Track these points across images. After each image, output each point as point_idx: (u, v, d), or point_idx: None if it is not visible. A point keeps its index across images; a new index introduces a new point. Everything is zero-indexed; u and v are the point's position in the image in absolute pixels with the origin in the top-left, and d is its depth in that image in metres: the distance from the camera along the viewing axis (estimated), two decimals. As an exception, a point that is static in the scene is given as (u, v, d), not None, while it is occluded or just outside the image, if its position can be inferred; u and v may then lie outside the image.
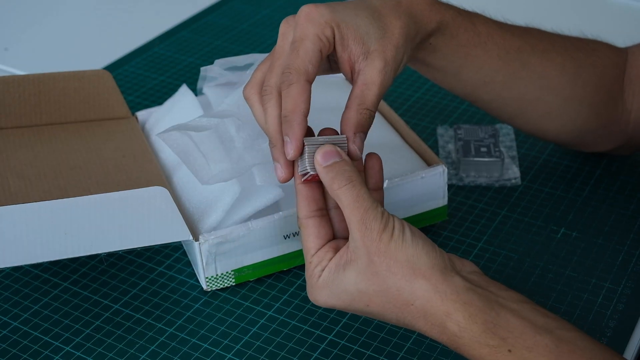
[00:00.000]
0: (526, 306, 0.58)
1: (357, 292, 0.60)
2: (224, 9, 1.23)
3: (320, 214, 0.63)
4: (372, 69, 0.64)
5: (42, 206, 0.66)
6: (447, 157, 0.89)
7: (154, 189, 0.69)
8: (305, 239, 0.63)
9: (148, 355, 0.69)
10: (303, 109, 0.62)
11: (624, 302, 0.72)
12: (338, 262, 0.60)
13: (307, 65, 0.63)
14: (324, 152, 0.60)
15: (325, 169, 0.60)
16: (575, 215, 0.82)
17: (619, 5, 1.21)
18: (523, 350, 0.56)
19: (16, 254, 0.66)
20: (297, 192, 0.63)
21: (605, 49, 0.81)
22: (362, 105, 0.63)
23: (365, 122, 0.63)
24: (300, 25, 0.64)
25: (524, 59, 0.76)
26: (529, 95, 0.78)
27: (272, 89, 0.64)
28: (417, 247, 0.59)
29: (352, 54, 0.65)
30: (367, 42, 0.65)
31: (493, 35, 0.75)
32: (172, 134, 0.73)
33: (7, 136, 0.82)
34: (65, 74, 0.84)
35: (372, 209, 0.59)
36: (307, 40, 0.63)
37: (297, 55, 0.63)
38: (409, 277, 0.58)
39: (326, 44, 0.64)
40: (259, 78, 0.66)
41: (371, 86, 0.64)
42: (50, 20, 1.24)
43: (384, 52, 0.65)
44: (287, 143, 0.61)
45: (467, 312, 0.57)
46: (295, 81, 0.62)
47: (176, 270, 0.77)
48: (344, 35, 0.64)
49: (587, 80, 0.78)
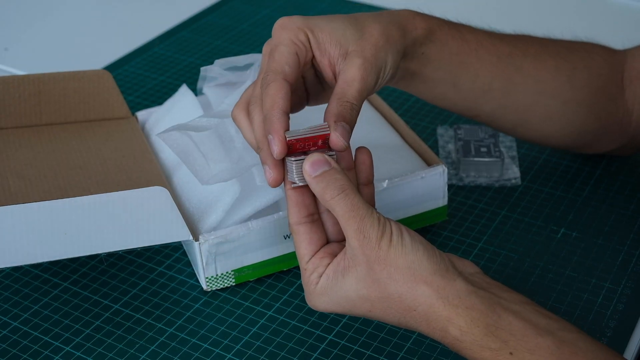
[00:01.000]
0: (528, 307, 0.58)
1: (358, 298, 0.60)
2: (224, 9, 1.23)
3: (311, 219, 0.62)
4: (351, 66, 0.64)
5: (42, 206, 0.66)
6: (447, 157, 0.89)
7: (154, 189, 0.69)
8: (297, 245, 0.62)
9: (148, 355, 0.69)
10: (281, 104, 0.61)
11: (624, 302, 0.73)
12: (336, 269, 0.60)
13: (283, 66, 0.63)
14: (312, 162, 0.59)
15: (315, 180, 0.59)
16: (575, 215, 0.82)
17: (618, 5, 1.21)
18: (525, 352, 0.56)
19: (16, 254, 0.66)
20: (287, 198, 0.62)
21: (600, 50, 0.81)
22: (342, 98, 0.62)
23: (347, 113, 0.62)
24: (275, 34, 0.65)
25: (517, 64, 0.76)
26: (527, 100, 0.78)
27: (257, 98, 0.64)
28: (418, 253, 0.58)
29: (331, 57, 0.65)
30: (344, 44, 0.65)
31: (482, 42, 0.75)
32: (172, 134, 0.73)
33: (7, 136, 0.82)
34: (65, 74, 0.84)
35: (368, 217, 0.58)
36: (281, 45, 0.64)
37: (273, 59, 0.63)
38: (410, 283, 0.58)
39: (302, 48, 0.64)
40: (245, 98, 0.66)
41: (351, 82, 0.63)
42: (50, 20, 1.24)
43: (363, 51, 0.64)
44: (271, 141, 0.60)
45: (469, 317, 0.57)
46: (272, 80, 0.62)
47: (176, 270, 0.77)
48: (319, 39, 0.65)
49: (582, 82, 0.78)
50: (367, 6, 1.22)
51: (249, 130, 0.65)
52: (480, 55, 0.74)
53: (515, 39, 0.78)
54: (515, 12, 1.20)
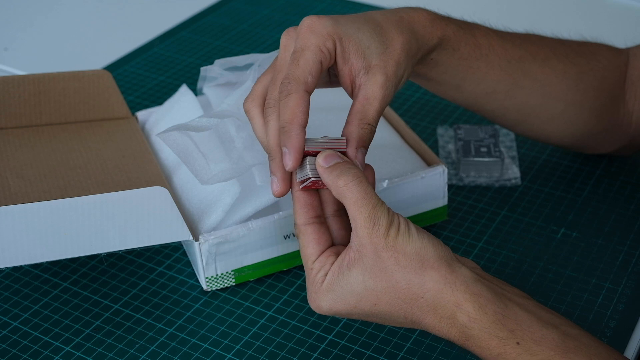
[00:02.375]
0: (530, 302, 0.59)
1: (364, 291, 0.59)
2: (224, 9, 1.23)
3: (319, 220, 0.62)
4: (374, 84, 0.63)
5: (42, 206, 0.66)
6: (447, 157, 0.89)
7: (154, 189, 0.69)
8: (304, 245, 0.62)
9: (148, 355, 0.69)
10: (301, 119, 0.61)
11: (624, 302, 0.73)
12: (341, 264, 0.60)
13: (306, 76, 0.62)
14: (325, 156, 0.60)
15: (328, 169, 0.59)
16: (575, 215, 0.82)
17: (619, 6, 1.21)
18: (531, 343, 0.56)
19: (16, 254, 0.66)
20: (294, 199, 0.62)
21: (606, 51, 0.81)
22: (363, 120, 0.63)
23: (367, 137, 0.63)
24: (302, 35, 0.64)
25: (525, 68, 0.76)
26: (532, 103, 0.78)
27: (275, 102, 0.63)
28: (424, 241, 0.59)
29: (353, 67, 0.64)
30: (368, 57, 0.64)
31: (494, 46, 0.74)
32: (172, 134, 0.73)
33: (7, 136, 0.82)
34: (65, 74, 0.84)
35: (379, 206, 0.58)
36: (308, 51, 0.63)
37: (297, 65, 0.62)
38: (418, 269, 0.58)
39: (327, 56, 0.63)
40: (259, 91, 0.66)
41: (372, 101, 0.63)
42: (50, 20, 1.24)
43: (386, 68, 0.64)
44: (286, 154, 0.61)
45: (477, 303, 0.57)
46: (294, 91, 0.61)
47: (176, 270, 0.77)
48: (345, 48, 0.64)
49: (588, 85, 0.78)
50: (367, 6, 1.22)
51: (261, 128, 0.65)
52: (490, 60, 0.74)
53: (526, 40, 0.77)
54: (515, 12, 1.20)
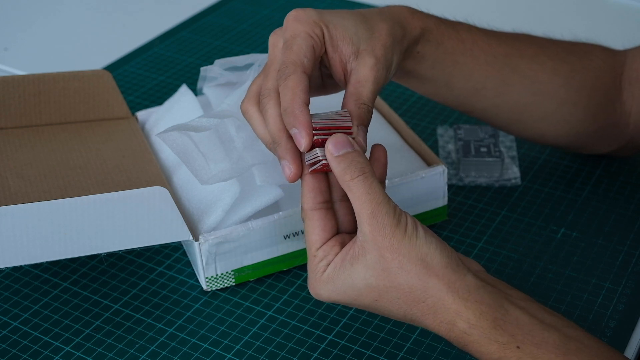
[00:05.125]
0: (532, 304, 0.59)
1: (365, 287, 0.59)
2: (224, 9, 1.23)
3: (326, 206, 0.62)
4: (364, 67, 0.64)
5: (42, 206, 0.66)
6: (447, 157, 0.89)
7: (154, 189, 0.69)
8: (310, 231, 0.61)
9: (148, 355, 0.69)
10: (303, 97, 0.61)
11: (624, 302, 0.73)
12: (344, 257, 0.60)
13: (302, 59, 0.62)
14: (335, 141, 0.59)
15: (337, 159, 0.59)
16: (575, 215, 0.82)
17: (618, 5, 1.21)
18: (531, 346, 0.56)
19: (16, 254, 0.66)
20: (303, 182, 0.62)
21: (599, 51, 0.80)
22: (359, 100, 0.63)
23: (365, 116, 0.63)
24: (290, 26, 0.65)
25: (513, 64, 0.76)
26: (523, 101, 0.78)
27: (271, 91, 0.63)
28: (431, 246, 0.58)
29: (343, 54, 0.65)
30: (356, 43, 0.65)
31: (477, 41, 0.75)
32: (172, 134, 0.73)
33: (7, 136, 0.82)
34: (65, 74, 0.84)
35: (384, 203, 0.58)
36: (299, 38, 0.64)
37: (292, 51, 0.63)
38: (422, 275, 0.58)
39: (318, 42, 0.64)
40: (254, 91, 0.66)
41: (365, 83, 0.63)
42: (50, 20, 1.24)
43: (374, 51, 0.65)
44: (296, 134, 0.60)
45: (479, 310, 0.57)
46: (292, 73, 0.61)
47: (176, 270, 0.77)
48: (332, 35, 0.65)
49: (581, 84, 0.78)
50: (367, 6, 1.22)
51: (261, 124, 0.64)
52: (475, 54, 0.74)
53: (513, 39, 0.78)
54: (514, 12, 1.20)
